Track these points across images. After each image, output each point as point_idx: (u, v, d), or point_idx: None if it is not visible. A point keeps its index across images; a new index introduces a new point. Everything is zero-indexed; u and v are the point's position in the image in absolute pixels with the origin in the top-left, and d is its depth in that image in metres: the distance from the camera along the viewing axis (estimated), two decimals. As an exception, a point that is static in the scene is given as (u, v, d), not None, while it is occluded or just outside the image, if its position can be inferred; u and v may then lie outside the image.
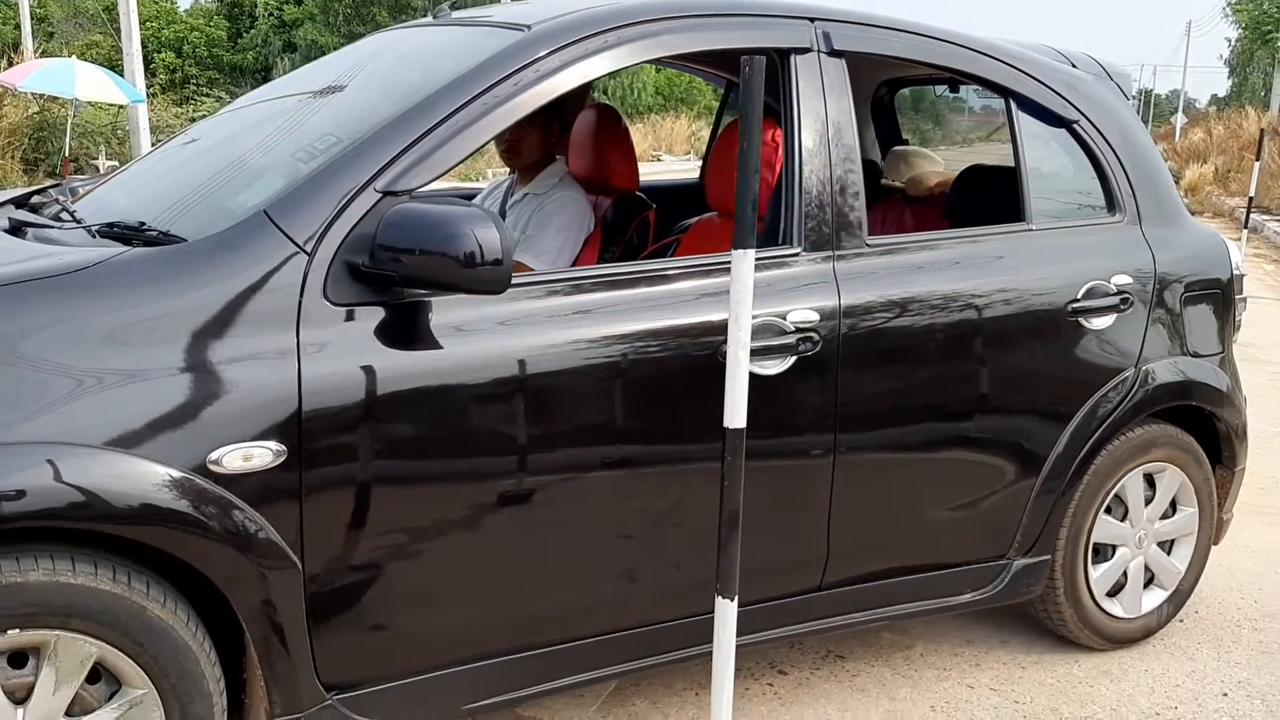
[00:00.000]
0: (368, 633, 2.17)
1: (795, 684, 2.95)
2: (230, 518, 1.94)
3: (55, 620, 1.86)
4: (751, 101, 1.92)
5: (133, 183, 2.72)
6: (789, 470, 2.51)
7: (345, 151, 2.15)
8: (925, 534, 2.75)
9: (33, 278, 1.93)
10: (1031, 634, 3.23)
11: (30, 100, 15.50)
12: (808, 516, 2.56)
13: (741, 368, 2.03)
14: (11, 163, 14.67)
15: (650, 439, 2.37)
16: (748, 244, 1.98)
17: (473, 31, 2.56)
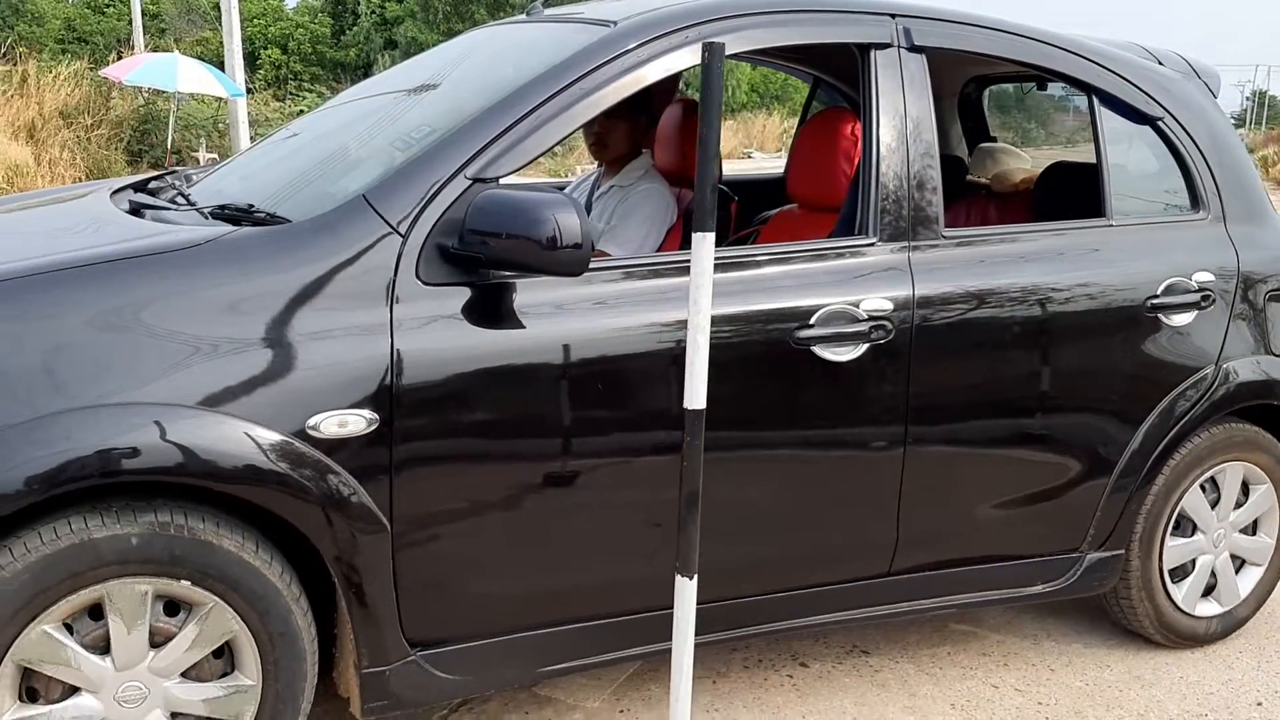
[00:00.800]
0: (449, 594, 2.29)
1: (815, 676, 2.94)
2: (326, 480, 2.07)
3: (190, 575, 2.03)
4: (711, 87, 1.95)
5: (242, 170, 2.89)
6: (858, 455, 2.56)
7: (438, 141, 2.27)
8: (995, 524, 2.78)
9: (152, 252, 2.09)
10: (1066, 635, 3.21)
11: (136, 93, 16.11)
12: (877, 502, 2.61)
13: (701, 351, 2.04)
14: (116, 153, 15.24)
15: (722, 421, 2.44)
16: (707, 226, 2.00)
17: (562, 28, 2.66)
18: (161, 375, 1.97)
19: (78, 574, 1.95)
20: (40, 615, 1.95)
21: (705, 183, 1.98)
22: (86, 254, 2.07)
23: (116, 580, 1.99)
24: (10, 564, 1.90)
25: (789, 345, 2.43)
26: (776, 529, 2.55)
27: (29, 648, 1.96)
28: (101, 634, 2.03)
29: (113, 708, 2.05)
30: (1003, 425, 2.70)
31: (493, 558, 2.30)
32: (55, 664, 1.99)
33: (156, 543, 2.00)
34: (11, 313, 1.93)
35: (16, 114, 14.36)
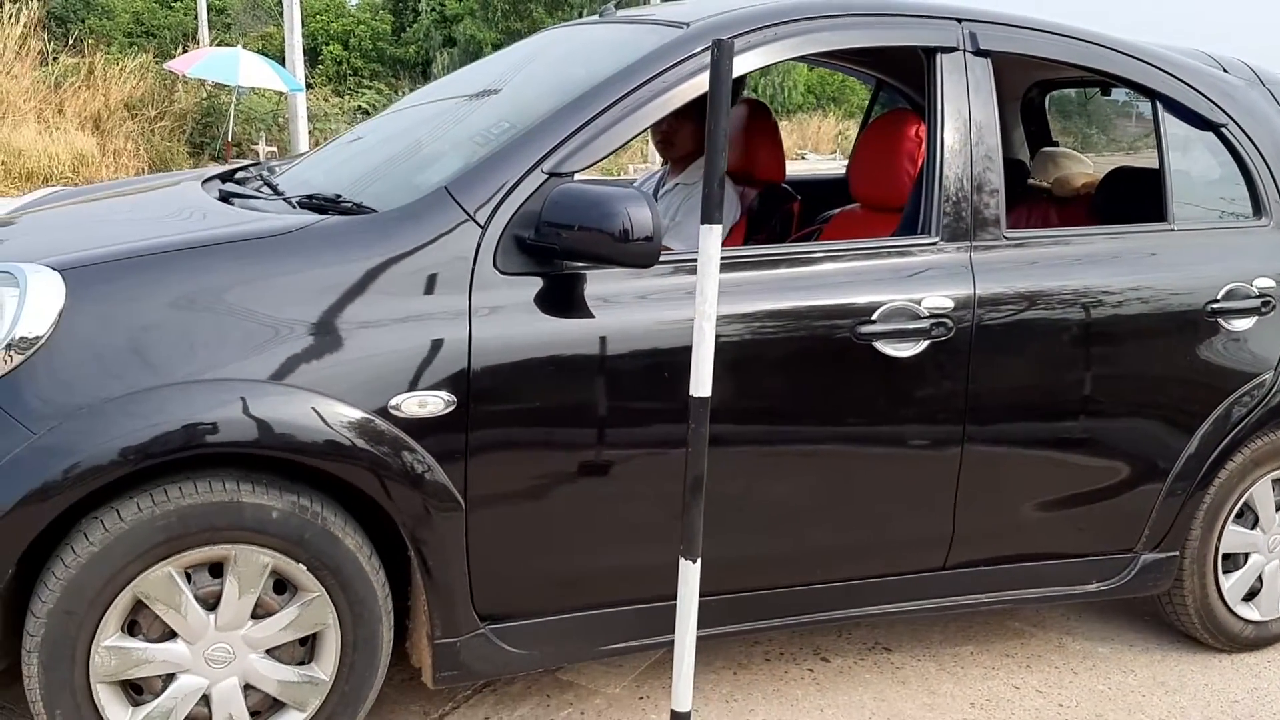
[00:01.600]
0: (518, 571, 2.38)
1: (836, 671, 2.96)
2: (406, 458, 2.17)
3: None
4: (719, 84, 2.00)
5: (325, 162, 3.00)
6: (916, 449, 2.62)
7: (516, 136, 2.36)
8: (1050, 522, 2.82)
9: (251, 237, 2.20)
10: (1091, 639, 3.20)
11: (199, 86, 16.44)
12: (934, 496, 2.67)
13: (707, 339, 2.07)
14: (178, 145, 15.57)
15: (785, 413, 2.51)
16: (714, 218, 2.05)
17: (634, 29, 2.75)
18: (257, 353, 2.08)
19: (218, 529, 2.09)
20: (171, 557, 2.08)
21: (713, 176, 2.03)
22: (192, 237, 2.20)
23: (247, 545, 2.12)
24: (162, 504, 2.04)
25: (851, 340, 2.49)
26: (836, 520, 2.62)
27: (152, 584, 2.08)
28: (214, 591, 2.15)
29: (199, 662, 2.16)
30: (1059, 424, 2.74)
31: (559, 538, 2.39)
32: (167, 606, 2.11)
33: (292, 522, 2.13)
34: (128, 291, 2.06)
35: (84, 105, 14.74)
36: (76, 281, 2.04)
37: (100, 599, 2.04)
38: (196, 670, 2.16)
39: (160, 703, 2.14)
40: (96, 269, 2.09)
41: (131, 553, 2.04)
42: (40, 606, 2.02)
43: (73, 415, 1.97)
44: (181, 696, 2.15)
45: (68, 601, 2.02)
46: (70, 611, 2.02)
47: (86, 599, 2.03)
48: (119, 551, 2.03)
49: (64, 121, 14.27)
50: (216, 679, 2.18)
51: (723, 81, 1.99)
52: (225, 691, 2.19)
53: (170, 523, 2.05)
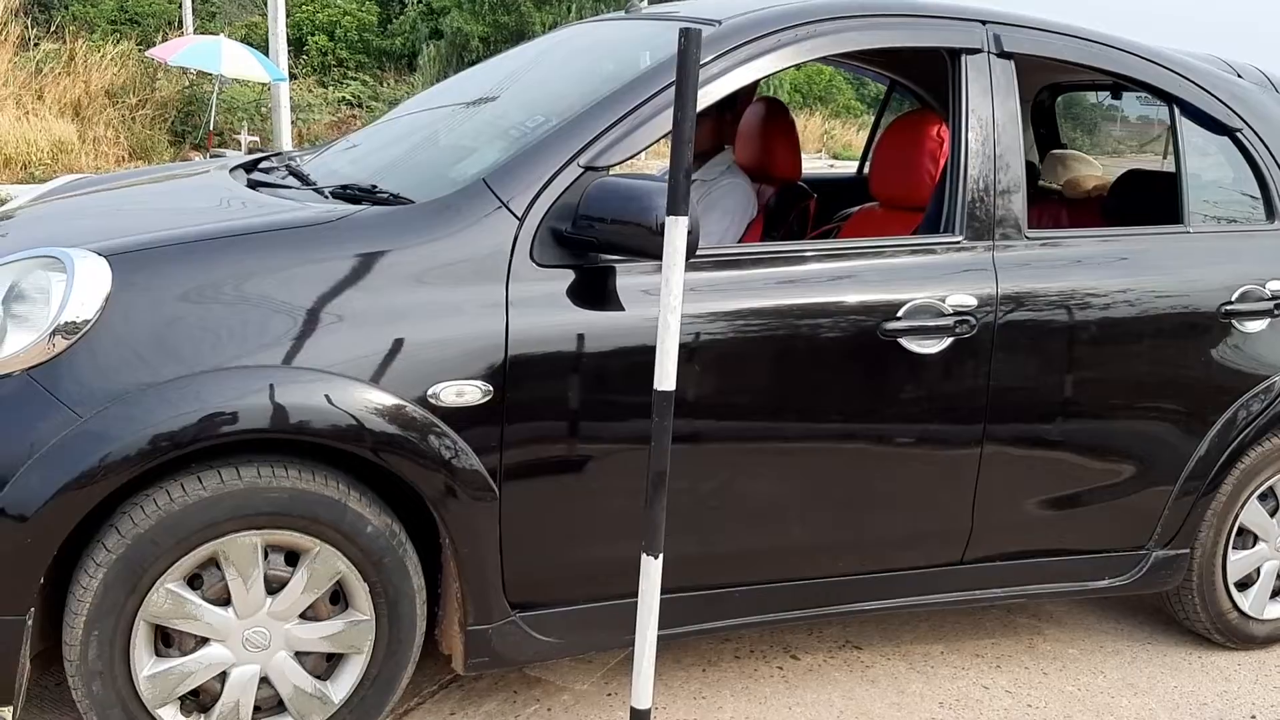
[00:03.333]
0: (549, 559, 2.41)
1: (805, 669, 2.95)
2: (444, 445, 2.20)
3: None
4: (687, 74, 1.98)
5: (352, 153, 3.02)
6: (939, 445, 2.66)
7: (553, 131, 2.39)
8: (1065, 517, 2.86)
9: (291, 225, 2.22)
10: (1061, 640, 3.22)
11: (182, 75, 16.32)
12: (954, 491, 2.71)
13: (672, 332, 2.05)
14: (159, 133, 15.44)
15: (811, 407, 2.54)
16: (679, 210, 2.03)
17: (665, 26, 2.77)
18: (299, 341, 2.10)
19: (319, 522, 2.15)
20: (265, 529, 2.13)
21: (679, 168, 2.01)
22: (236, 225, 2.22)
23: (333, 547, 2.18)
24: (280, 479, 2.11)
25: (876, 336, 2.53)
26: (860, 513, 2.65)
27: (236, 547, 2.12)
28: (280, 577, 2.20)
29: (237, 638, 2.18)
30: (1077, 421, 2.79)
31: (589, 527, 2.42)
32: (238, 573, 2.15)
33: (379, 542, 2.19)
34: (175, 277, 2.08)
35: (64, 92, 14.59)
36: (123, 267, 2.06)
37: (186, 542, 2.07)
38: (230, 644, 2.18)
39: (183, 663, 2.17)
40: (143, 255, 2.10)
41: (235, 512, 2.09)
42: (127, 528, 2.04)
43: (120, 399, 1.98)
44: (205, 665, 2.17)
45: (155, 533, 2.04)
46: (155, 541, 2.05)
47: (175, 537, 2.06)
48: (224, 506, 2.08)
49: (43, 108, 14.12)
50: (241, 661, 2.20)
51: (690, 71, 1.98)
52: (242, 676, 2.21)
53: (281, 498, 2.11)
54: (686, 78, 1.98)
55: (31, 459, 1.95)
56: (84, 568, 2.05)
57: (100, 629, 2.06)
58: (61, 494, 1.96)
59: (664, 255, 2.04)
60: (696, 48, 1.99)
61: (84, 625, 2.05)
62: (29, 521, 1.96)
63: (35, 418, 1.97)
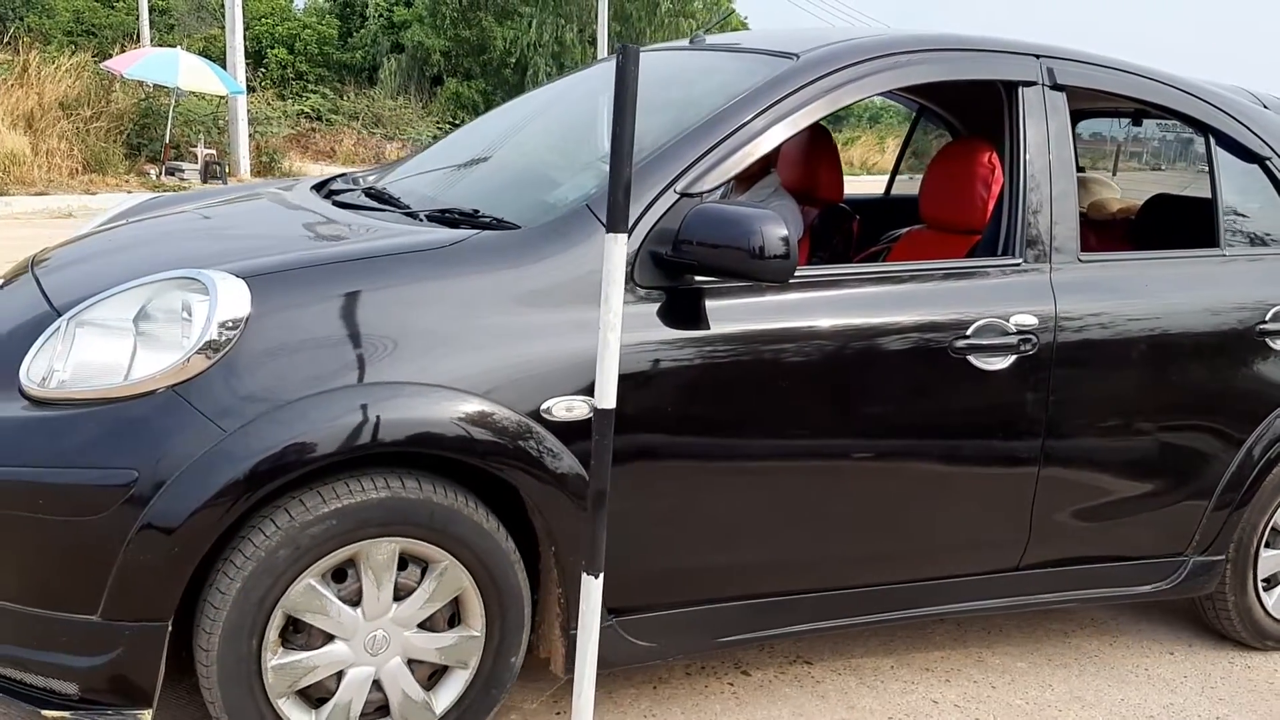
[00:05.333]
0: (645, 566, 2.51)
1: (756, 685, 2.94)
2: (555, 458, 2.30)
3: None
4: (625, 90, 1.97)
5: (430, 178, 3.11)
6: (1003, 456, 2.80)
7: (649, 159, 2.50)
8: (1112, 526, 3.02)
9: (414, 249, 2.31)
10: (1011, 654, 3.24)
11: (138, 87, 16.18)
12: (1015, 499, 2.85)
13: (611, 350, 2.03)
14: (115, 146, 15.30)
15: (888, 422, 2.67)
16: (619, 228, 2.01)
17: (740, 58, 2.90)
18: (425, 359, 2.20)
19: (448, 535, 2.26)
20: (397, 538, 2.23)
21: (618, 184, 2.00)
22: (362, 248, 2.31)
23: (458, 561, 2.27)
24: (412, 489, 2.20)
25: (948, 354, 2.67)
26: (925, 521, 2.79)
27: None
28: (407, 585, 2.30)
29: (361, 654, 2.27)
30: (1126, 434, 2.95)
31: (685, 536, 2.53)
32: (372, 577, 2.24)
33: (404, 506, 2.23)
34: (308, 298, 2.17)
35: (16, 103, 14.41)
36: (261, 289, 2.14)
37: (330, 543, 2.17)
38: (353, 645, 2.28)
39: (309, 657, 2.25)
40: (279, 277, 2.18)
41: (378, 518, 2.19)
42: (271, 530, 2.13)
43: (262, 415, 2.06)
44: (328, 661, 2.26)
45: (299, 535, 2.14)
46: (298, 544, 2.14)
47: (319, 538, 2.16)
48: (367, 512, 2.18)
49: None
50: (359, 661, 2.29)
51: (628, 87, 1.97)
52: (358, 677, 2.31)
53: (418, 510, 2.22)
54: (625, 93, 1.98)
55: (178, 473, 2.02)
56: (224, 570, 2.13)
57: (238, 622, 2.14)
58: (208, 506, 2.03)
59: (603, 273, 2.02)
60: (635, 64, 1.98)
61: (224, 619, 2.12)
62: (176, 532, 2.03)
63: (181, 433, 2.04)
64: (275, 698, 2.22)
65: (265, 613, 2.16)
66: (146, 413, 2.06)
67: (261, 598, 2.14)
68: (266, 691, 2.21)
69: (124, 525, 2.02)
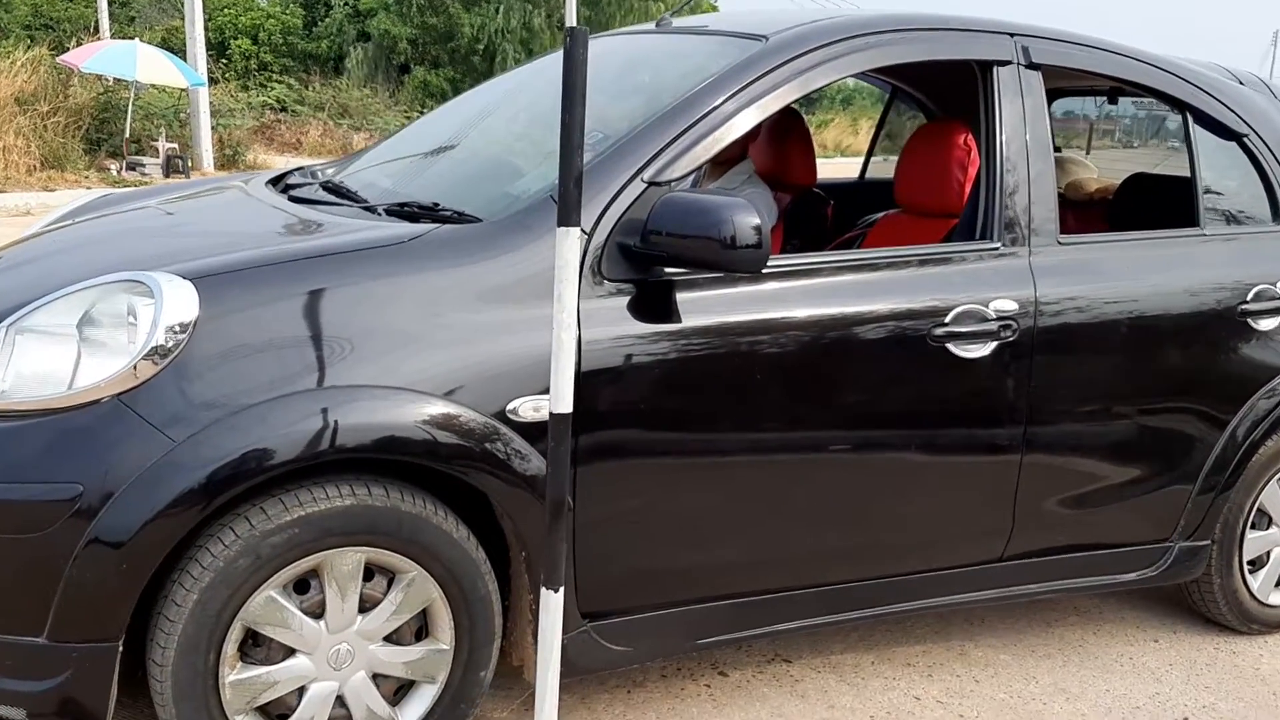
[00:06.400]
0: (619, 569, 2.44)
1: (733, 686, 2.87)
2: (522, 460, 2.21)
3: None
4: (574, 76, 1.87)
5: (389, 169, 3.00)
6: (985, 445, 2.74)
7: (615, 146, 2.41)
8: (1098, 514, 2.96)
9: (370, 246, 2.21)
10: (993, 647, 3.18)
11: (97, 81, 15.89)
12: (997, 490, 2.79)
13: (566, 350, 1.94)
14: (73, 141, 15.02)
15: (866, 413, 2.60)
16: (570, 221, 1.93)
17: (710, 41, 2.81)
18: (383, 360, 2.10)
19: (418, 544, 2.15)
20: (364, 548, 2.13)
21: (568, 175, 1.92)
22: (314, 245, 2.21)
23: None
24: (236, 539, 2.03)
25: (927, 343, 2.59)
26: (907, 514, 2.72)
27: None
28: (373, 596, 2.20)
29: (324, 668, 2.17)
30: (1109, 420, 2.89)
31: (660, 536, 2.45)
32: (337, 589, 2.15)
33: (369, 515, 2.14)
34: (259, 299, 2.07)
35: (-32, 100, 14.14)
36: (209, 290, 2.04)
37: (291, 553, 2.08)
38: (315, 659, 2.18)
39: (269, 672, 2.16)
40: (227, 277, 2.08)
41: (340, 527, 2.10)
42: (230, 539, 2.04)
43: (215, 422, 1.96)
44: (289, 677, 2.17)
45: (259, 545, 2.04)
46: (258, 554, 2.05)
47: (280, 548, 2.06)
48: (330, 521, 2.09)
49: (-52, 117, 13.70)
50: (322, 676, 2.20)
51: (577, 72, 1.87)
52: (321, 692, 2.22)
53: (385, 518, 2.13)
54: (574, 79, 1.87)
55: (126, 485, 1.93)
56: (180, 581, 2.03)
57: (194, 636, 2.04)
58: (160, 517, 1.94)
59: (556, 269, 1.93)
60: (583, 48, 1.88)
61: (179, 633, 2.02)
62: (124, 547, 1.94)
63: (128, 444, 1.95)
64: (233, 715, 2.12)
65: (223, 626, 2.06)
66: (92, 423, 1.96)
67: (219, 610, 2.04)
68: (224, 708, 2.11)
69: (69, 541, 1.92)
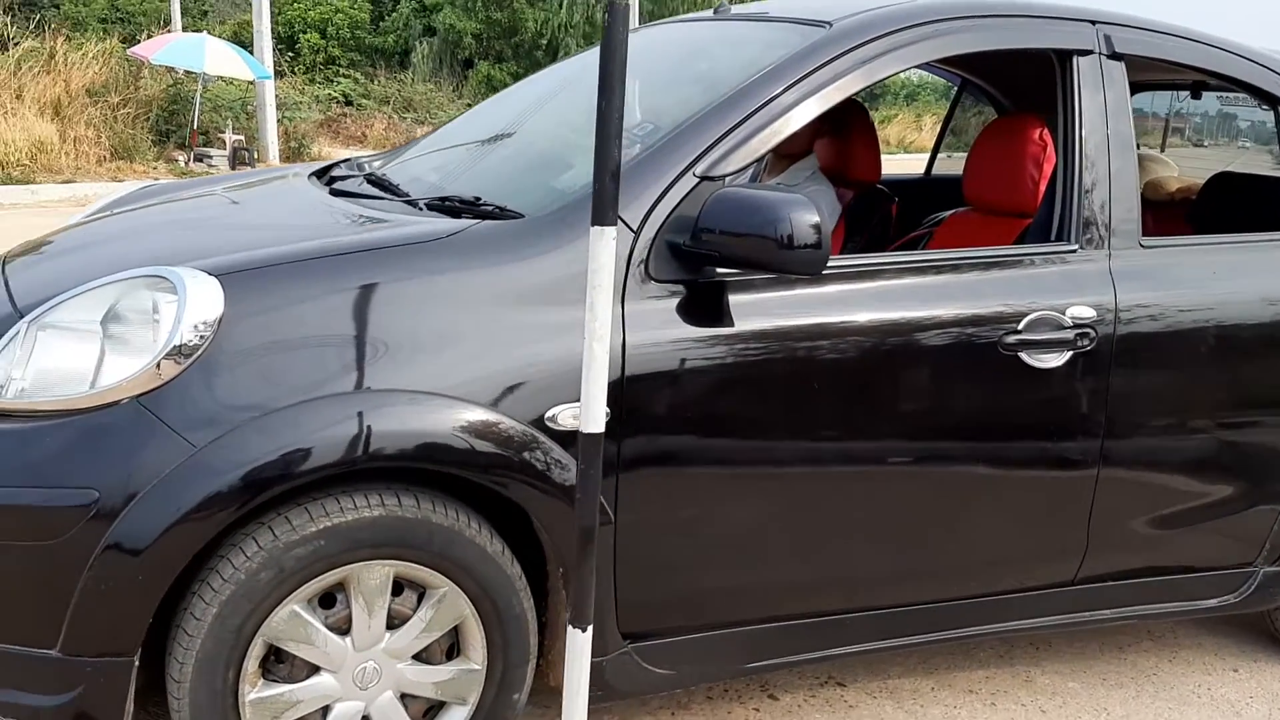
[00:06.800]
0: (663, 588, 2.30)
1: (783, 710, 2.72)
2: (561, 471, 2.08)
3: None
4: (613, 56, 1.71)
5: (432, 160, 2.90)
6: (1058, 461, 2.56)
7: (666, 138, 2.28)
8: (1177, 536, 2.77)
9: (405, 242, 2.10)
10: (1061, 673, 3.00)
11: (166, 73, 16.10)
12: (1070, 509, 2.61)
13: (598, 362, 1.79)
14: (142, 132, 15.22)
15: (930, 425, 2.44)
16: (606, 220, 1.78)
17: (771, 27, 2.66)
18: (418, 363, 1.99)
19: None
20: (289, 596, 1.98)
21: (604, 168, 1.75)
22: (349, 241, 2.11)
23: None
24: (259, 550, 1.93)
25: (998, 351, 2.43)
26: (973, 533, 2.56)
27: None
28: (401, 611, 2.09)
29: (350, 687, 2.07)
30: (1192, 436, 2.70)
31: (704, 554, 2.32)
32: (362, 604, 2.04)
33: (400, 526, 2.02)
34: (289, 298, 1.97)
35: (43, 90, 14.35)
36: (235, 287, 1.94)
37: (315, 566, 1.97)
38: (340, 677, 2.08)
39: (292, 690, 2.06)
40: (255, 274, 1.99)
41: (368, 539, 1.99)
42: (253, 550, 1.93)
43: (241, 425, 1.87)
44: (313, 695, 2.07)
45: (282, 557, 1.94)
46: (281, 566, 1.95)
47: (304, 560, 1.96)
48: (357, 532, 1.98)
49: (22, 107, 13.87)
50: (347, 696, 2.09)
51: (616, 52, 1.70)
52: (346, 712, 2.11)
53: (404, 528, 2.01)
54: (613, 60, 1.69)
55: (144, 491, 1.83)
56: (199, 593, 1.93)
57: (213, 652, 1.94)
58: (181, 524, 1.84)
59: (589, 273, 1.76)
60: (624, 26, 1.71)
61: (198, 649, 1.93)
62: (142, 556, 1.85)
63: (148, 448, 1.85)
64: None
65: (244, 641, 1.96)
66: (113, 424, 1.87)
67: (240, 625, 1.94)
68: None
69: (84, 549, 1.83)
